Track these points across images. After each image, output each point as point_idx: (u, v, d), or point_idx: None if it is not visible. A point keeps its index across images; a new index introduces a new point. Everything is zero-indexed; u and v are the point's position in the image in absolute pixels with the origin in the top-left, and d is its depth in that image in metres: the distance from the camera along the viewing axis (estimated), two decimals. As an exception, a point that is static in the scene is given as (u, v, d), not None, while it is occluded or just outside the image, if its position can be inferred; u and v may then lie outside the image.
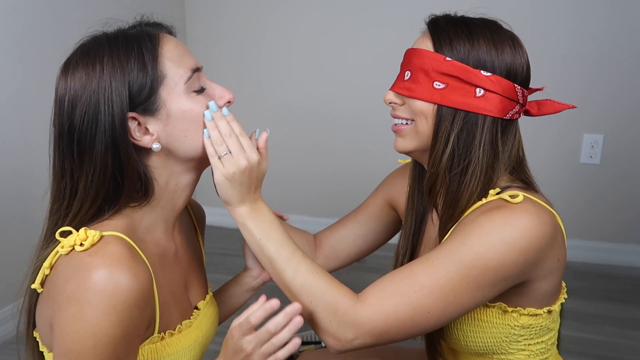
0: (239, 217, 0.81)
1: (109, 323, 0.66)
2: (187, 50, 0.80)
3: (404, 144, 0.88)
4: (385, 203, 1.09)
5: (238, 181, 0.79)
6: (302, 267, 0.79)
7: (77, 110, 0.73)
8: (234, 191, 0.79)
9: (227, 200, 0.81)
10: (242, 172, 0.78)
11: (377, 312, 0.76)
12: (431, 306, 0.76)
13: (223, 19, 2.72)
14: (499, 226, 0.76)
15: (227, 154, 0.78)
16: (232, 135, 0.78)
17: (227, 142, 0.78)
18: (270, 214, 0.83)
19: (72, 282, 0.67)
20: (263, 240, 0.81)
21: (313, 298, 0.78)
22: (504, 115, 0.82)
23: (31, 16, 1.86)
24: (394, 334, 0.77)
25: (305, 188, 2.78)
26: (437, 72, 0.82)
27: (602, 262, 2.43)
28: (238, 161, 0.78)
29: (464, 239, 0.77)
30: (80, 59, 0.74)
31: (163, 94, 0.75)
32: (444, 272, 0.76)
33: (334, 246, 1.10)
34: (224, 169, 0.78)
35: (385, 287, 0.78)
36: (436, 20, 0.86)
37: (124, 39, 0.75)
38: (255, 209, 0.82)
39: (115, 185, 0.75)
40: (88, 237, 0.69)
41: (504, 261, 0.75)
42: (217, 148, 0.78)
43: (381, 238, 1.12)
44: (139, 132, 0.75)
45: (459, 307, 0.77)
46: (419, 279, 0.76)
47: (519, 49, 0.84)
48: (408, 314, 0.76)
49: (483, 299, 0.79)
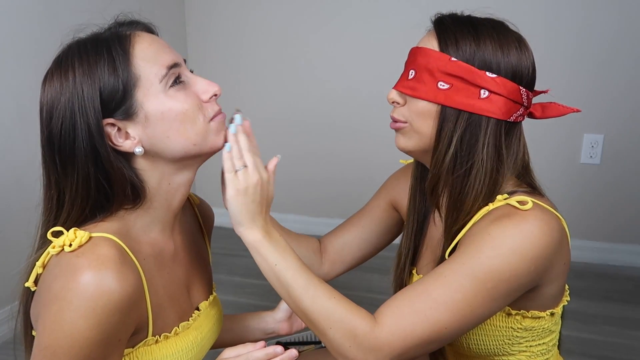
0: (252, 241, 0.79)
1: (87, 326, 0.65)
2: (165, 46, 0.76)
3: (405, 142, 0.87)
4: (388, 205, 1.09)
5: (251, 197, 0.78)
6: (319, 292, 0.78)
7: (54, 120, 0.72)
8: (246, 209, 0.78)
9: (240, 221, 0.79)
10: (255, 186, 0.78)
11: (395, 334, 0.75)
12: (448, 322, 0.75)
13: (223, 19, 2.71)
14: (510, 237, 0.76)
15: (244, 168, 0.77)
16: (250, 150, 0.78)
17: (245, 157, 0.77)
18: (283, 240, 0.82)
19: (57, 281, 0.67)
20: (279, 266, 0.79)
21: (332, 324, 0.77)
22: (508, 118, 0.81)
23: (31, 16, 1.86)
24: (413, 352, 0.77)
25: (306, 188, 2.78)
26: (442, 72, 0.81)
27: (602, 262, 2.42)
28: (253, 176, 0.77)
29: (475, 251, 0.76)
30: (55, 69, 0.74)
31: (139, 95, 0.72)
32: (458, 287, 0.75)
33: (339, 251, 1.10)
34: (238, 184, 0.77)
35: (400, 306, 0.77)
36: (442, 20, 0.85)
37: (93, 44, 0.73)
38: (268, 233, 0.80)
39: (104, 193, 0.74)
40: (77, 237, 0.69)
41: (517, 271, 0.75)
42: (235, 162, 0.77)
43: (385, 240, 1.11)
44: (120, 138, 0.74)
45: (475, 320, 0.77)
46: (434, 296, 0.75)
47: (525, 50, 0.82)
48: (426, 331, 0.75)
49: (498, 309, 0.78)
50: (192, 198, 0.99)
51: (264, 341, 0.74)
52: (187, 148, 0.76)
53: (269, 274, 0.80)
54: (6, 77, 1.79)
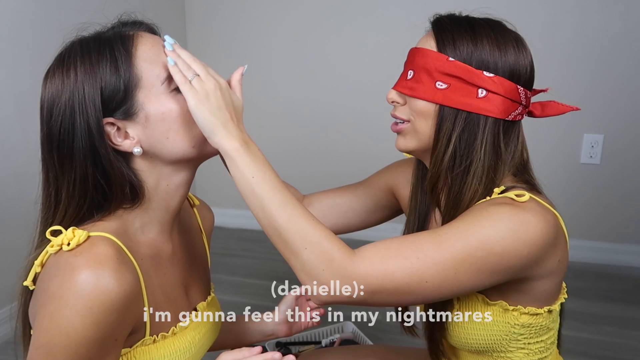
0: (229, 150, 0.74)
1: (84, 325, 0.65)
2: None
3: (405, 143, 0.88)
4: (387, 186, 1.09)
5: (215, 102, 0.73)
6: (298, 211, 0.75)
7: (54, 118, 0.72)
8: (214, 116, 0.73)
9: (212, 129, 0.73)
10: (215, 91, 0.74)
11: (375, 269, 0.74)
12: (430, 277, 0.75)
13: (223, 19, 2.72)
14: (507, 217, 0.76)
15: (196, 76, 0.74)
16: (196, 61, 0.75)
17: (194, 67, 0.75)
18: (261, 153, 0.77)
19: (55, 280, 0.67)
20: (256, 179, 0.74)
21: (308, 245, 0.73)
22: (506, 117, 0.82)
23: (31, 15, 1.86)
24: (386, 295, 0.75)
25: (306, 188, 2.77)
26: (440, 72, 0.82)
27: (602, 262, 2.43)
28: (208, 82, 0.74)
29: (473, 220, 0.77)
30: (57, 66, 0.74)
31: (140, 96, 0.73)
32: (449, 247, 0.75)
33: (324, 210, 1.09)
34: (196, 92, 0.73)
35: (388, 247, 0.76)
36: (440, 20, 0.85)
37: (96, 43, 0.73)
38: (246, 142, 0.75)
39: (101, 192, 0.74)
40: (75, 236, 0.69)
41: (508, 249, 0.75)
42: (185, 73, 0.74)
43: (372, 218, 1.11)
44: (120, 137, 0.74)
45: (455, 286, 0.76)
46: (424, 248, 0.75)
47: (522, 49, 0.83)
48: (405, 278, 0.74)
49: (480, 284, 0.78)
50: (192, 199, 1.00)
51: (261, 346, 0.74)
52: (186, 150, 0.76)
53: (244, 187, 0.75)
54: (6, 76, 1.79)
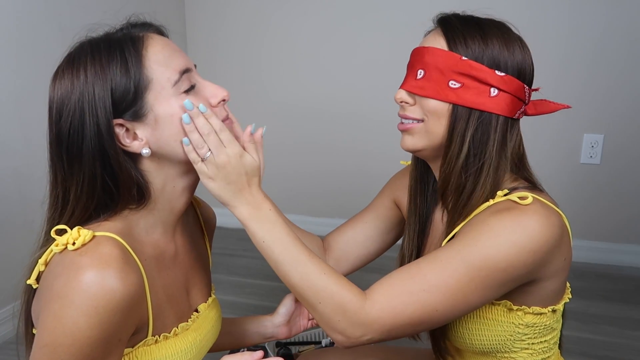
0: (240, 219, 0.79)
1: (88, 324, 0.65)
2: (177, 50, 0.77)
3: (414, 142, 0.87)
4: (392, 203, 1.09)
5: (223, 180, 0.76)
6: (309, 269, 0.78)
7: (63, 118, 0.72)
8: (222, 191, 0.77)
9: (225, 202, 0.78)
10: (224, 167, 0.75)
11: (385, 311, 0.76)
12: (439, 305, 0.76)
13: (223, 18, 2.72)
14: (509, 228, 0.76)
15: (210, 154, 0.75)
16: (212, 133, 0.75)
17: (207, 142, 0.74)
18: (274, 214, 0.80)
19: (59, 279, 0.67)
20: (267, 242, 0.79)
21: (322, 299, 0.78)
22: (513, 115, 0.83)
23: (31, 15, 1.86)
24: (402, 330, 0.78)
25: (306, 187, 2.78)
26: (453, 71, 0.81)
27: (602, 262, 2.43)
28: (217, 158, 0.75)
29: (473, 239, 0.77)
30: (67, 67, 0.74)
31: (150, 98, 0.73)
32: (453, 272, 0.76)
33: (343, 248, 1.10)
34: (206, 172, 0.75)
35: (393, 285, 0.78)
36: (447, 19, 0.85)
37: (106, 44, 0.73)
38: (256, 208, 0.79)
39: (109, 192, 0.74)
40: (80, 236, 0.69)
41: (513, 262, 0.75)
42: (199, 152, 0.74)
43: (389, 239, 1.12)
44: (128, 138, 0.74)
45: (467, 306, 0.78)
46: (428, 278, 0.76)
47: (526, 49, 0.84)
48: (416, 312, 0.76)
49: (491, 298, 0.79)
50: (195, 200, 1.00)
51: (263, 351, 0.74)
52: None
53: (260, 249, 0.80)
54: (6, 77, 1.79)
